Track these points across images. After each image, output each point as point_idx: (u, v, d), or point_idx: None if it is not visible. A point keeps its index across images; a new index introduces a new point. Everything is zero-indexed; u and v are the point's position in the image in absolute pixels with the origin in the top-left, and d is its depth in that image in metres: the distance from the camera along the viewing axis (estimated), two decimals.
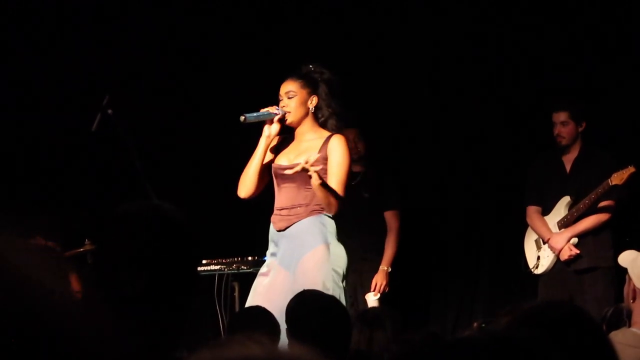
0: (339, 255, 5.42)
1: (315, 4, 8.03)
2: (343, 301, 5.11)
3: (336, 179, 5.39)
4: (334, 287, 5.27)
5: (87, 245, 6.92)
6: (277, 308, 4.53)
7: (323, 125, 5.55)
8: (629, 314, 3.85)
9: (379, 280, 7.19)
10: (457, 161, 8.00)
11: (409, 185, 7.85)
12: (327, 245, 5.40)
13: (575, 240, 6.77)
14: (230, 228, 7.47)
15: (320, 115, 5.55)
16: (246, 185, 5.58)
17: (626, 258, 3.94)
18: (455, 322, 7.79)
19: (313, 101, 5.53)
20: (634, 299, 3.78)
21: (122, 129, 6.27)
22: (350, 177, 5.57)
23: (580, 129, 6.87)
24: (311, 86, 5.54)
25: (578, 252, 6.74)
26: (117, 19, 7.98)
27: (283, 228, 5.47)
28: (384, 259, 7.25)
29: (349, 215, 7.27)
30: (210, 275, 6.69)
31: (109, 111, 6.27)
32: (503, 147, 7.81)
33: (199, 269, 5.89)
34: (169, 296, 2.24)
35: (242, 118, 5.42)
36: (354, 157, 7.31)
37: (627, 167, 6.50)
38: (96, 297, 2.22)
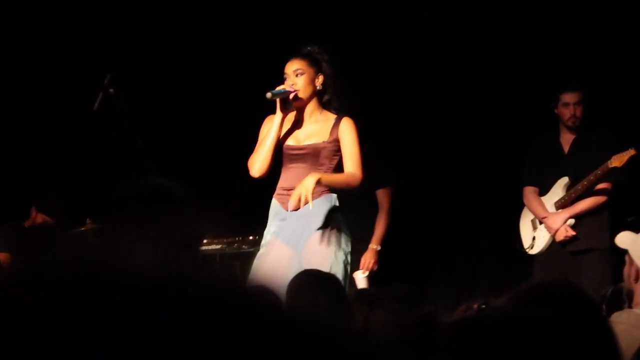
0: (347, 236, 5.52)
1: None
2: (346, 280, 5.18)
3: (352, 159, 5.54)
4: (342, 269, 5.35)
5: (89, 224, 6.94)
6: (282, 286, 4.55)
7: (326, 105, 5.57)
8: (629, 294, 3.86)
9: (368, 258, 7.09)
10: (456, 142, 8.00)
11: (407, 166, 7.85)
12: (339, 226, 5.47)
13: (572, 221, 6.76)
14: (232, 207, 7.48)
15: (325, 95, 5.58)
16: (262, 164, 5.54)
17: (625, 239, 3.93)
18: (457, 302, 7.79)
19: (320, 79, 5.56)
20: (637, 279, 3.79)
21: (123, 108, 6.27)
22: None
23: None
24: (316, 65, 5.58)
25: (574, 233, 6.73)
26: None
27: (294, 208, 5.48)
28: (374, 238, 7.15)
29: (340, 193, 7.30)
30: (211, 255, 6.72)
31: (111, 90, 6.28)
32: (503, 126, 7.81)
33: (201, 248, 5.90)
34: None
35: (268, 95, 5.44)
36: None
37: (627, 149, 6.48)
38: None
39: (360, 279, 6.92)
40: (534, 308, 2.03)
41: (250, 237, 6.68)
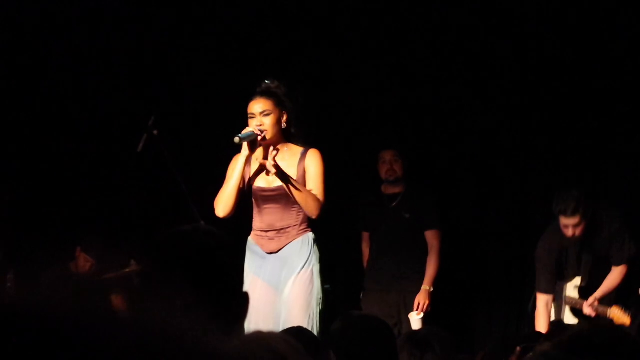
0: (320, 273, 5.57)
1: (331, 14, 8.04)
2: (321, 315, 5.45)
3: (315, 187, 5.49)
4: (318, 306, 5.45)
5: (133, 266, 6.96)
6: (273, 325, 4.83)
7: (292, 139, 5.60)
8: None
9: (422, 299, 7.16)
10: (498, 179, 7.95)
11: (449, 204, 7.82)
12: (314, 265, 5.51)
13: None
14: None
15: (289, 130, 5.60)
16: (227, 205, 5.59)
17: None
18: (502, 345, 7.70)
19: (285, 117, 5.57)
20: None
21: (167, 150, 6.31)
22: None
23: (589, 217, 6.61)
24: (281, 104, 5.57)
25: (595, 313, 6.66)
26: (162, 40, 8.05)
27: (275, 250, 5.55)
28: (426, 279, 7.23)
29: (390, 235, 7.30)
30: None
31: (155, 132, 6.32)
32: (546, 164, 7.75)
33: None
34: (218, 315, 2.25)
35: (236, 139, 5.46)
36: (390, 178, 7.37)
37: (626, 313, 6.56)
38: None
39: (415, 321, 6.94)
40: (582, 354, 2.01)
41: None
